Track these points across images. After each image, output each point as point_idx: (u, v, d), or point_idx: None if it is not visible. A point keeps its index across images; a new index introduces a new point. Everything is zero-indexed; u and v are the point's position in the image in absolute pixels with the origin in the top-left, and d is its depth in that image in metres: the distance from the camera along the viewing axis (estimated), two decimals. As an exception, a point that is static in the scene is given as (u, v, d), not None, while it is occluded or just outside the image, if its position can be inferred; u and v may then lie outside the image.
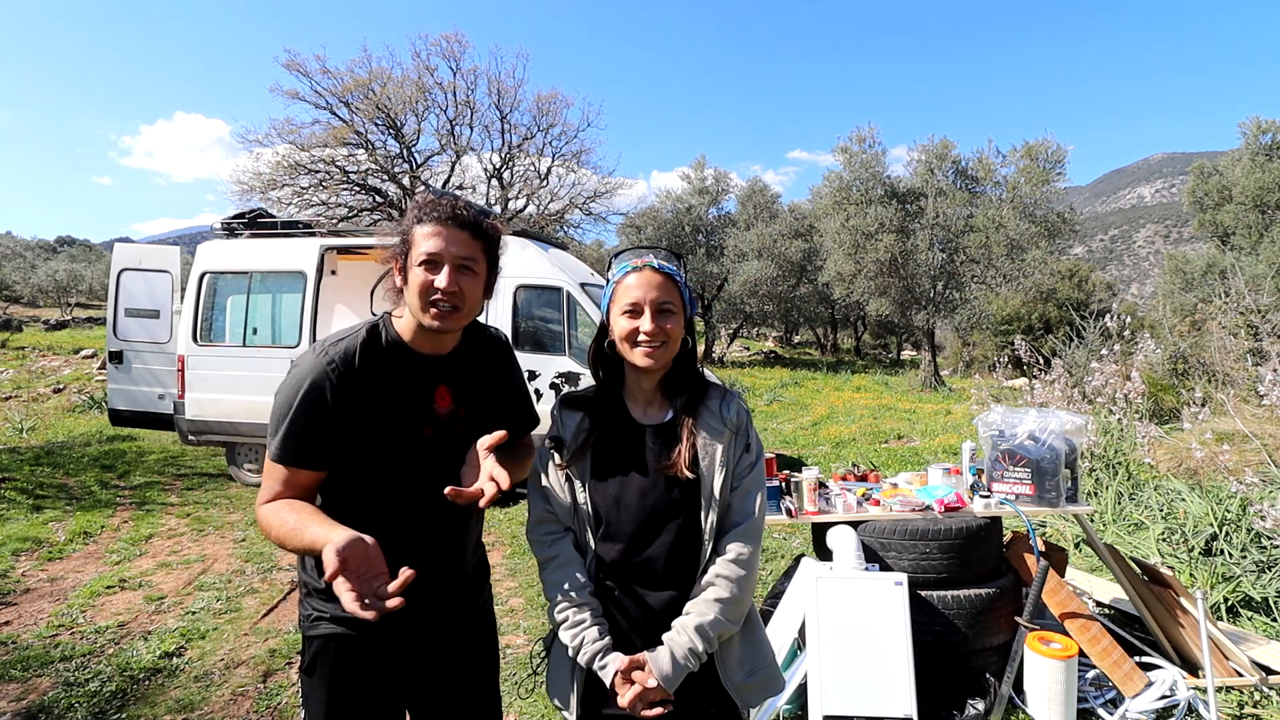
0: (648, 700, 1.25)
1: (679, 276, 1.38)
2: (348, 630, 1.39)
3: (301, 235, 6.98)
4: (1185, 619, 3.07)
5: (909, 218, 16.90)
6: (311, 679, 1.41)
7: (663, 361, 1.35)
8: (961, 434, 8.98)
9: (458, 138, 20.12)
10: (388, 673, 1.43)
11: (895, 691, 2.51)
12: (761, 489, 1.37)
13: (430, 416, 1.41)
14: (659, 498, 1.33)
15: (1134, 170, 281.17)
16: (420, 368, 1.41)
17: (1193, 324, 10.15)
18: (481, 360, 1.53)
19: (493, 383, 1.55)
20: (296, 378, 1.34)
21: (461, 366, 1.48)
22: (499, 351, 1.59)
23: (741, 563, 1.32)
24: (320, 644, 1.40)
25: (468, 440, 1.44)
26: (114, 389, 7.35)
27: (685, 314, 1.38)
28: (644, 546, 1.34)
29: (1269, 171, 17.37)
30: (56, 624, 3.66)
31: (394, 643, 1.43)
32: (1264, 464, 4.58)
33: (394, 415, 1.37)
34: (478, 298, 1.39)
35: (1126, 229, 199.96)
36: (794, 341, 36.89)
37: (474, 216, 1.36)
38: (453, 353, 1.47)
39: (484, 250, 1.38)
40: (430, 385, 1.42)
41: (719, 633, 1.30)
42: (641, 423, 1.40)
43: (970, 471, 3.09)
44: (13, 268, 32.77)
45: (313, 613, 1.42)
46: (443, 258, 1.32)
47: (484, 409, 1.50)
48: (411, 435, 1.39)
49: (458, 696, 1.53)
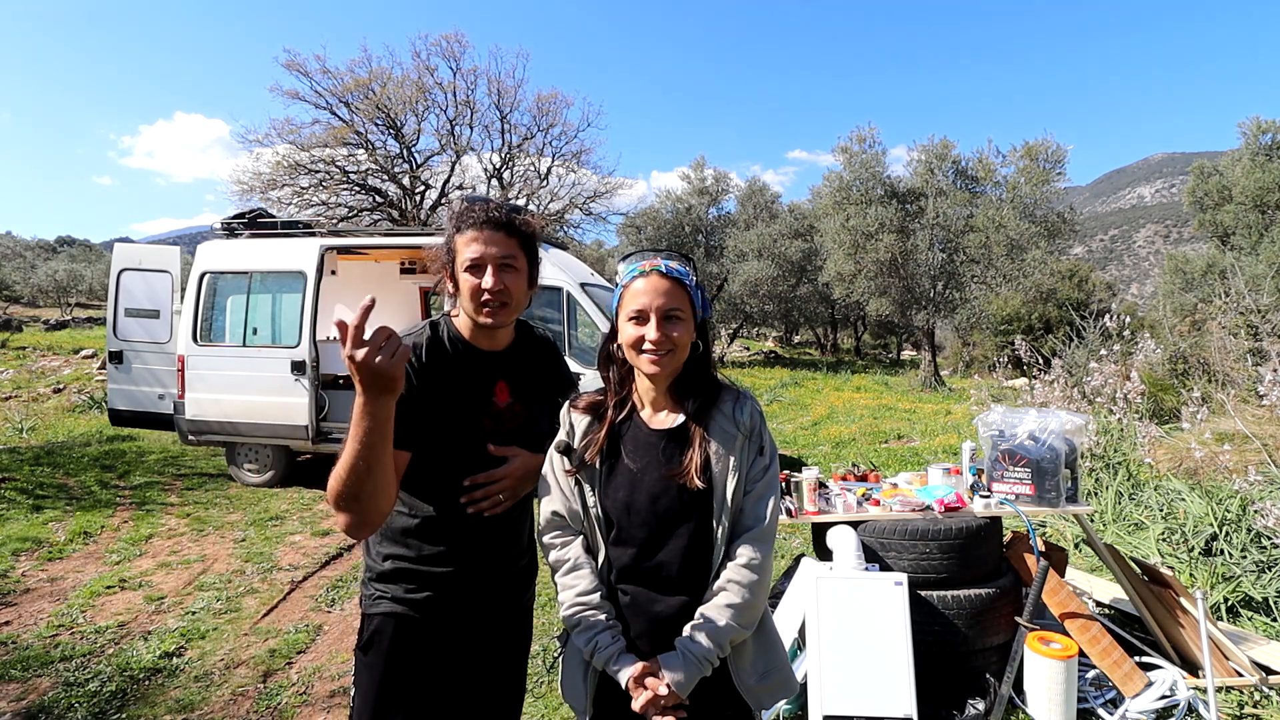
0: (661, 705, 1.25)
1: (689, 280, 1.35)
2: (407, 611, 1.46)
3: (301, 235, 6.97)
4: (1185, 619, 3.07)
5: (909, 218, 16.91)
6: (366, 655, 1.48)
7: (670, 369, 1.33)
8: (961, 434, 8.98)
9: (458, 138, 20.14)
10: (439, 655, 1.48)
11: (895, 691, 2.51)
12: (775, 493, 1.36)
13: (489, 410, 1.50)
14: (670, 503, 1.32)
15: (1134, 170, 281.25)
16: (481, 363, 1.51)
17: (1193, 324, 10.15)
18: (534, 358, 1.63)
19: (544, 380, 1.63)
20: None
21: (517, 364, 1.58)
22: (548, 350, 1.70)
23: (754, 567, 1.31)
24: (379, 622, 1.47)
25: (520, 435, 1.53)
26: (114, 389, 7.35)
27: (695, 318, 1.35)
28: (655, 551, 1.33)
29: (1269, 171, 17.36)
30: (56, 624, 3.66)
31: (449, 626, 1.49)
32: (1264, 464, 4.58)
33: (459, 406, 1.46)
34: (523, 291, 1.49)
35: (1126, 229, 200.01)
36: (794, 341, 36.88)
37: (506, 216, 1.45)
38: (508, 350, 1.57)
39: (521, 246, 1.47)
40: (491, 380, 1.52)
41: (731, 638, 1.29)
42: (652, 427, 1.38)
43: (970, 471, 3.09)
44: (13, 268, 32.79)
45: (374, 592, 1.49)
46: (484, 260, 1.42)
47: (537, 405, 1.58)
48: (472, 425, 1.47)
49: (491, 689, 1.58)
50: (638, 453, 1.36)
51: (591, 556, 1.39)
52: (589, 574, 1.36)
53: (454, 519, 1.47)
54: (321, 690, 3.07)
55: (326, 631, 3.66)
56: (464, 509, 1.47)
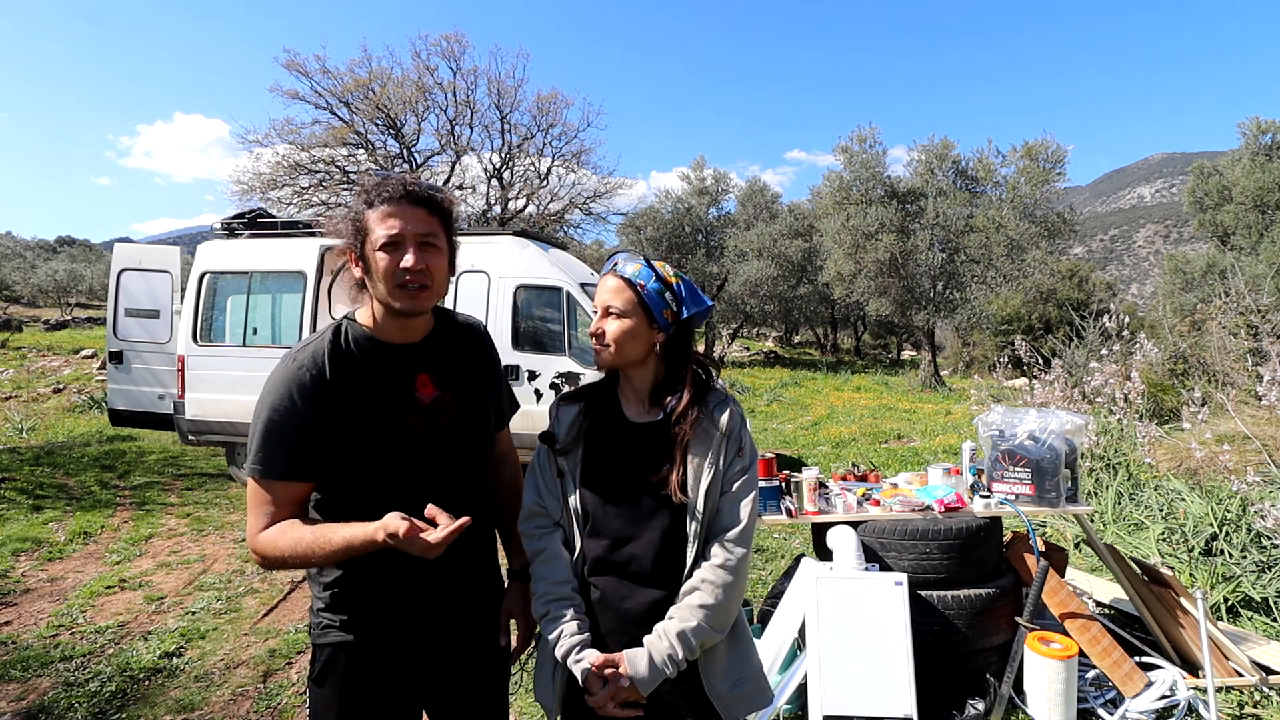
0: (620, 700, 1.24)
1: (639, 282, 1.36)
2: (358, 638, 1.37)
3: (301, 235, 6.98)
4: (1185, 619, 3.07)
5: (909, 218, 16.91)
6: (321, 689, 1.39)
7: (610, 362, 1.39)
8: (961, 434, 8.98)
9: (458, 138, 20.14)
10: (399, 679, 1.41)
11: (895, 691, 2.51)
12: (752, 495, 1.35)
13: (414, 406, 1.37)
14: (644, 496, 1.34)
15: (1134, 170, 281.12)
16: (395, 357, 1.38)
17: (1193, 324, 10.15)
18: (458, 346, 1.50)
19: (474, 368, 1.51)
20: (268, 390, 1.30)
21: (439, 353, 1.44)
22: (474, 337, 1.55)
23: (728, 568, 1.30)
24: (330, 653, 1.38)
25: (458, 430, 1.42)
26: (114, 389, 7.35)
27: (653, 320, 1.36)
28: (627, 543, 1.34)
29: (1269, 171, 17.36)
30: (56, 624, 3.66)
31: (404, 648, 1.40)
32: (1264, 464, 4.58)
33: (375, 409, 1.33)
34: (444, 274, 1.36)
35: (1126, 229, 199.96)
36: (794, 341, 36.88)
37: (426, 192, 1.33)
38: (426, 340, 1.43)
39: (442, 225, 1.35)
40: (409, 374, 1.38)
41: (701, 640, 1.28)
42: (633, 421, 1.41)
43: (970, 471, 3.09)
44: (13, 268, 32.76)
45: (322, 621, 1.39)
46: (404, 238, 1.28)
47: (470, 395, 1.47)
48: (397, 427, 1.35)
49: (469, 698, 1.50)
50: (617, 445, 1.39)
51: (569, 551, 1.40)
52: (564, 566, 1.37)
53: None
54: (321, 690, 3.07)
55: (326, 631, 3.66)
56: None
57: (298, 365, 1.30)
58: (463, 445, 1.44)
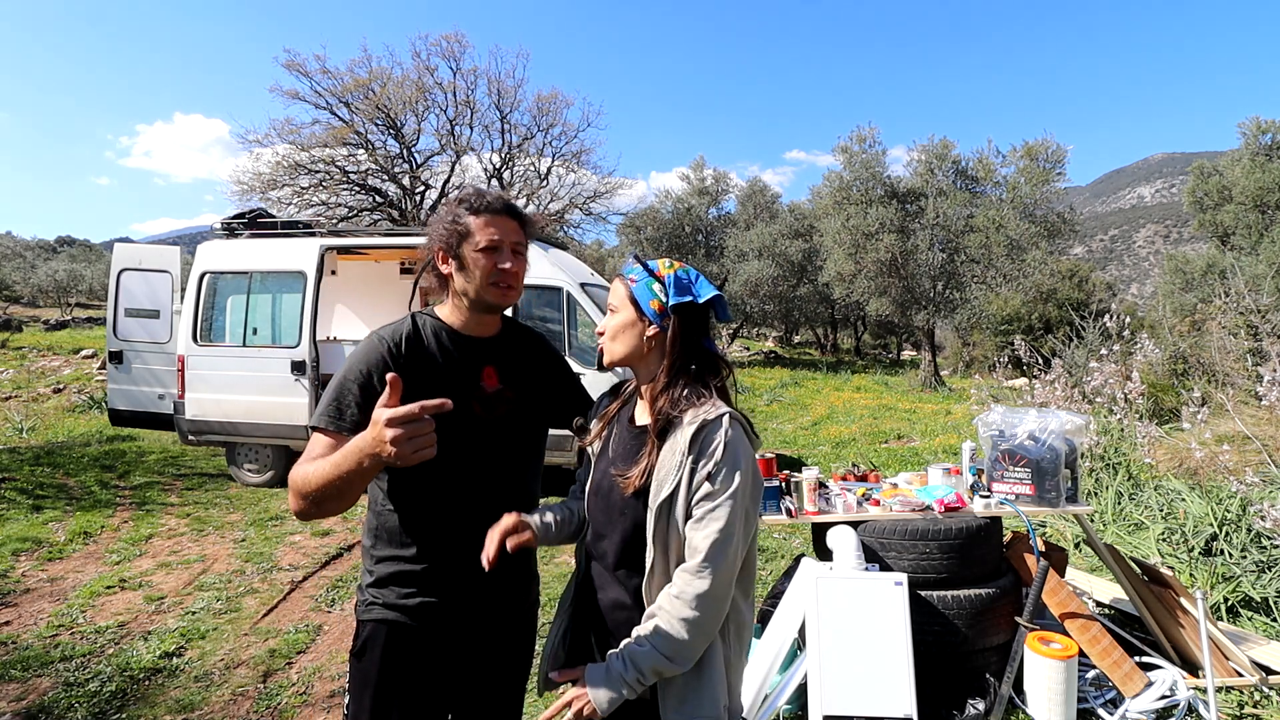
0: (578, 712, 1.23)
1: (630, 275, 1.40)
2: (400, 618, 1.45)
3: (301, 235, 6.98)
4: (1185, 619, 3.07)
5: (909, 218, 16.90)
6: (360, 662, 1.47)
7: (607, 357, 1.43)
8: (961, 434, 8.98)
9: (458, 138, 20.12)
10: (436, 661, 1.47)
11: (895, 691, 2.51)
12: (716, 528, 1.22)
13: (478, 394, 1.51)
14: (616, 494, 1.36)
15: (1134, 170, 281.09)
16: (467, 347, 1.53)
17: (1193, 324, 10.15)
18: (522, 347, 1.65)
19: (536, 368, 1.65)
20: (351, 359, 1.44)
21: (506, 350, 1.59)
22: (535, 340, 1.72)
23: (684, 600, 1.20)
24: (372, 628, 1.46)
25: (513, 423, 1.55)
26: (114, 389, 7.35)
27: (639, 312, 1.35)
28: (602, 537, 1.40)
29: (1269, 171, 17.36)
30: (56, 624, 3.66)
31: (445, 632, 1.48)
32: (1264, 464, 4.58)
33: (444, 389, 1.41)
34: (523, 279, 1.54)
35: (1126, 229, 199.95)
36: (794, 341, 36.86)
37: (519, 209, 1.55)
38: (496, 337, 1.59)
39: (527, 239, 1.55)
40: (478, 364, 1.53)
41: (654, 666, 1.20)
42: (634, 420, 1.45)
43: (970, 471, 3.09)
44: (13, 268, 32.75)
45: (368, 598, 1.48)
46: (503, 243, 1.46)
47: (529, 392, 1.60)
48: (461, 409, 1.41)
49: (493, 691, 1.57)
50: (617, 440, 1.44)
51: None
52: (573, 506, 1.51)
53: (449, 515, 1.46)
54: (321, 690, 3.07)
55: (326, 632, 3.66)
56: (459, 505, 1.46)
57: (379, 339, 1.46)
58: (516, 436, 1.56)
